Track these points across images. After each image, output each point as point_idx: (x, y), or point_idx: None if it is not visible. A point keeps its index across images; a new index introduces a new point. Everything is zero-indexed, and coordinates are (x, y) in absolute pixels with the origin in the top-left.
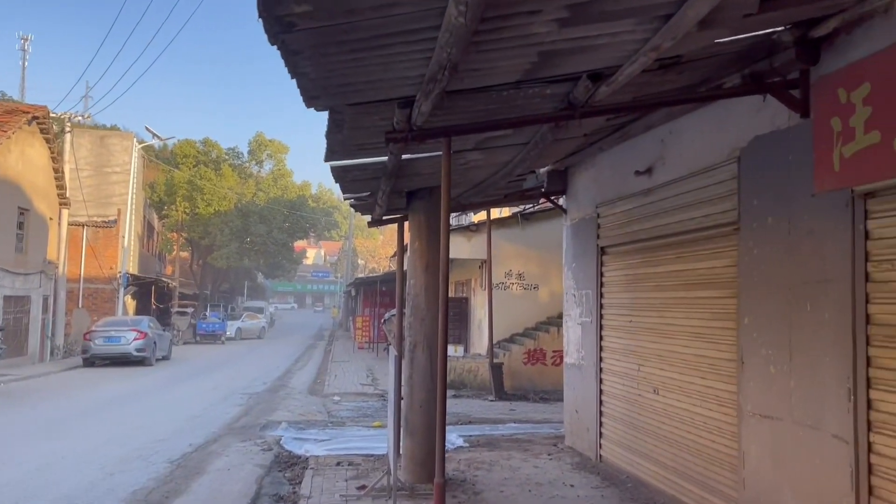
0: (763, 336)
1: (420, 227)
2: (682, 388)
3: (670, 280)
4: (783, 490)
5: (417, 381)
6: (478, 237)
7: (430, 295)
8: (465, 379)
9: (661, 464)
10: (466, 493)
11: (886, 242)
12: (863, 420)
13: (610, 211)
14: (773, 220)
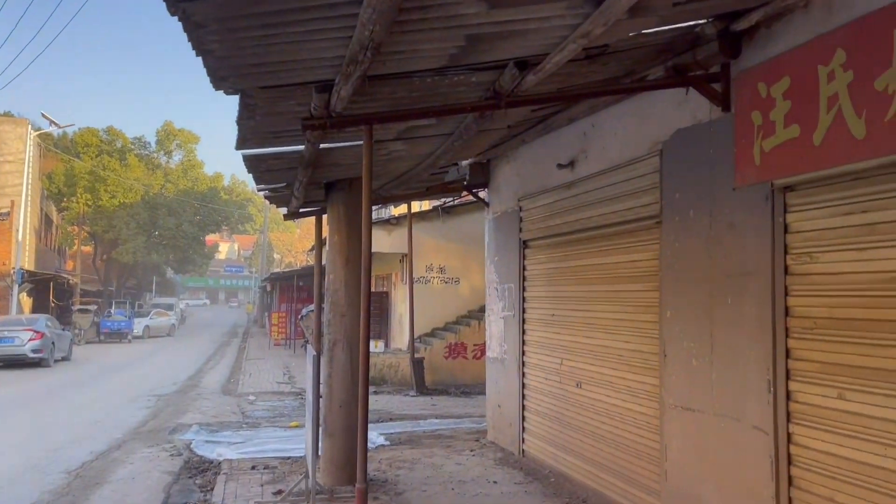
0: (685, 329)
1: (339, 219)
2: (605, 382)
3: (593, 273)
4: (705, 481)
5: (337, 380)
6: (398, 231)
7: (350, 290)
8: (386, 375)
9: (584, 458)
10: (388, 493)
11: (805, 235)
12: (782, 411)
13: (532, 204)
14: (695, 213)
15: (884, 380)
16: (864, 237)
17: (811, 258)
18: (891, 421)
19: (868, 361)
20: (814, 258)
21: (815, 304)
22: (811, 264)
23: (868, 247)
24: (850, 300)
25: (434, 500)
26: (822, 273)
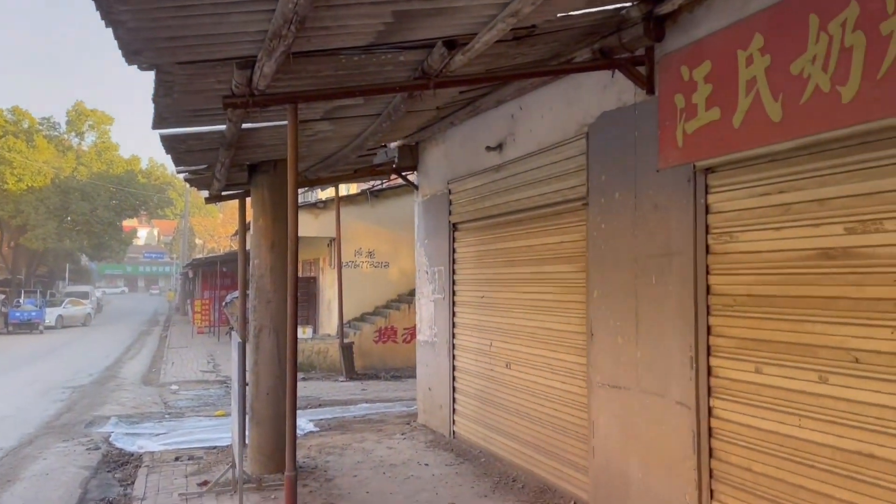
0: (611, 308)
1: (264, 203)
2: (534, 362)
3: (522, 255)
4: (630, 456)
5: (264, 367)
6: (326, 214)
7: (276, 275)
8: (315, 361)
9: (514, 437)
10: (318, 480)
11: (725, 216)
12: (704, 386)
13: (461, 187)
14: (621, 195)
15: (797, 353)
16: (780, 217)
17: (731, 238)
18: (804, 392)
19: (783, 336)
20: (733, 237)
21: (734, 283)
22: (731, 243)
23: (784, 226)
24: (767, 277)
25: (365, 485)
26: (741, 252)
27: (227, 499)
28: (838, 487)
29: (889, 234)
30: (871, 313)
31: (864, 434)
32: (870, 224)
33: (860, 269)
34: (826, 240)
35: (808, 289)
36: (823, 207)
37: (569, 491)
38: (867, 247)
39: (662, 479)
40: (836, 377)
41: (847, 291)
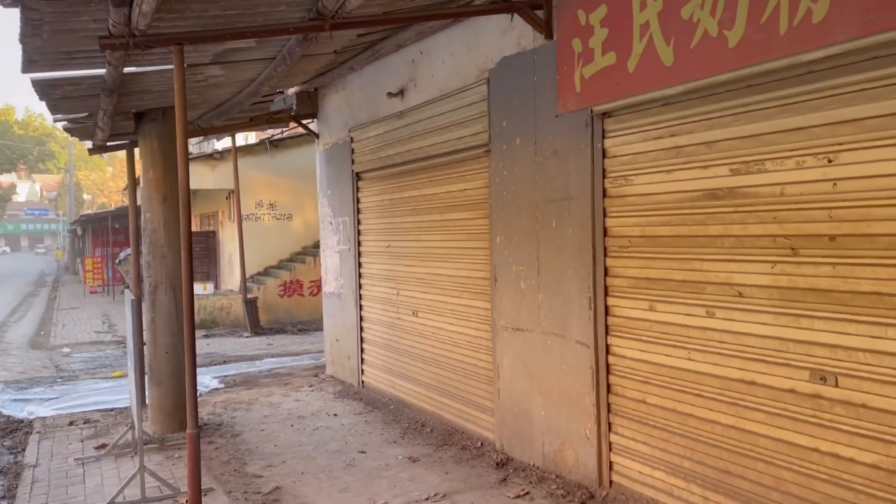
0: (514, 254)
1: (153, 153)
2: (441, 309)
3: (426, 204)
4: (534, 395)
5: (161, 324)
6: (223, 166)
7: (169, 229)
8: (218, 317)
9: (422, 383)
10: (224, 436)
11: (620, 160)
12: (602, 325)
13: (363, 135)
14: (522, 141)
15: (687, 290)
16: (672, 159)
17: (626, 181)
18: (692, 327)
19: (674, 274)
20: (629, 181)
21: (629, 224)
22: (626, 187)
23: (675, 168)
24: (660, 219)
25: (273, 439)
26: (636, 195)
27: (128, 461)
28: (723, 414)
29: (770, 173)
30: (752, 249)
31: (746, 363)
32: (753, 165)
33: (743, 208)
34: (713, 181)
35: (697, 228)
36: (711, 150)
37: (476, 432)
38: (750, 186)
39: (564, 415)
40: (722, 311)
41: (732, 230)
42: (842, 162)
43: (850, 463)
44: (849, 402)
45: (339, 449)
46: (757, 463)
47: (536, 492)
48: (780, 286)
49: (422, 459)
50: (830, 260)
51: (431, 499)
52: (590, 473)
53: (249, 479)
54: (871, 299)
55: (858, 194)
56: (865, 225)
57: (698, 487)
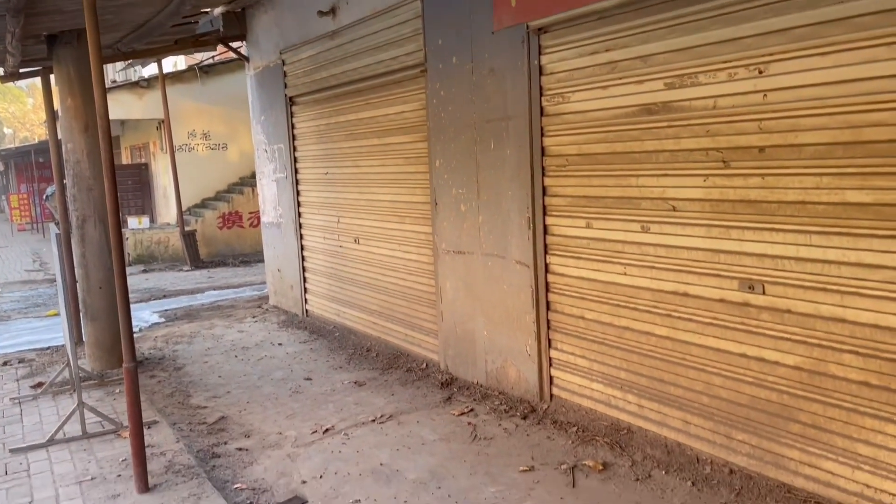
0: (453, 177)
1: (70, 80)
2: (382, 235)
3: (363, 128)
4: (476, 316)
5: (92, 259)
6: (151, 94)
7: (94, 160)
8: (155, 251)
9: (367, 310)
10: (167, 369)
11: (556, 77)
12: (541, 244)
13: (295, 57)
14: (458, 59)
15: (623, 207)
16: (608, 75)
17: (563, 98)
18: (628, 242)
19: (610, 192)
20: (565, 98)
21: (566, 143)
22: (563, 104)
23: (610, 84)
24: (596, 136)
25: (217, 370)
26: (573, 112)
27: (66, 398)
28: (657, 325)
29: (703, 87)
30: (686, 164)
31: (679, 275)
32: (686, 78)
33: (677, 123)
34: (648, 96)
35: (633, 144)
36: (646, 64)
37: (421, 354)
38: (684, 100)
39: (506, 334)
40: (657, 226)
41: (666, 145)
42: (772, 73)
43: (775, 366)
44: (775, 308)
45: (285, 377)
46: (689, 370)
47: (480, 408)
48: (712, 199)
49: (368, 383)
50: (760, 171)
51: (378, 420)
52: (531, 388)
53: (194, 410)
54: (796, 208)
55: (787, 105)
56: (793, 135)
57: (634, 396)
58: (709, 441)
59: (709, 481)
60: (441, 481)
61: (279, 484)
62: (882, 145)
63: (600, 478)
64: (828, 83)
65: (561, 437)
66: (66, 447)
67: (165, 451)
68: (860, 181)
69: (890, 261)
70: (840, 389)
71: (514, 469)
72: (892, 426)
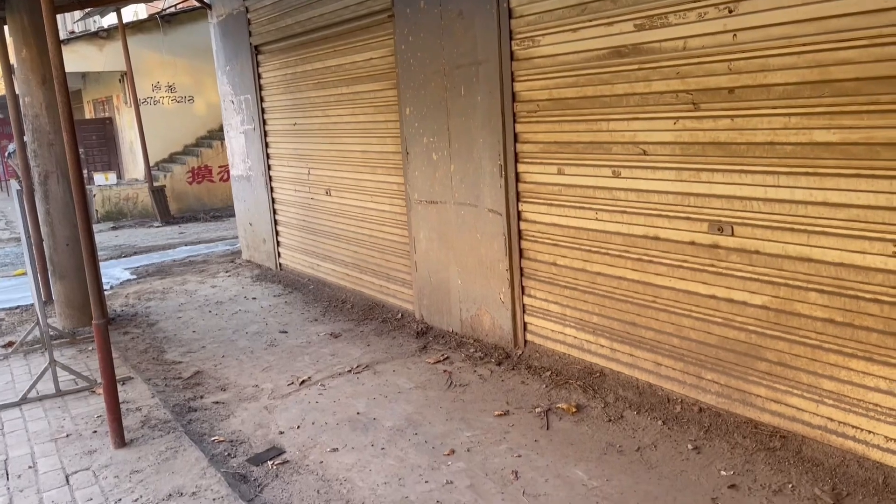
0: (424, 125)
1: (24, 30)
2: (354, 186)
3: (331, 76)
4: (450, 265)
5: (57, 216)
6: (111, 45)
7: (53, 114)
8: (125, 208)
9: (341, 262)
10: (140, 326)
11: (526, 20)
12: (513, 192)
13: (260, 4)
14: (426, 3)
15: (594, 152)
16: (577, 17)
17: (533, 42)
18: (600, 188)
19: (581, 137)
20: (535, 42)
21: (537, 88)
22: (533, 48)
23: (580, 26)
24: (566, 80)
25: (191, 325)
26: (543, 56)
27: (38, 357)
28: (629, 269)
29: (673, 27)
30: (656, 107)
31: (650, 219)
32: (657, 19)
33: (647, 65)
34: (618, 38)
35: (603, 88)
36: (616, 4)
37: (396, 305)
38: (654, 42)
39: (479, 282)
40: (627, 170)
41: (636, 88)
42: (741, 11)
43: (743, 306)
44: (743, 249)
45: (260, 331)
46: (660, 313)
47: (455, 356)
48: (682, 142)
49: (343, 334)
50: (729, 113)
51: (354, 370)
52: (505, 335)
53: (169, 365)
54: (764, 149)
55: (756, 44)
56: (762, 76)
57: (606, 340)
58: (679, 381)
59: (679, 420)
60: (417, 428)
61: (257, 435)
62: (848, 83)
63: (573, 420)
64: (796, 21)
65: (535, 382)
66: (40, 405)
67: (141, 407)
68: (827, 121)
69: (854, 199)
70: (805, 327)
71: (490, 414)
72: (855, 361)
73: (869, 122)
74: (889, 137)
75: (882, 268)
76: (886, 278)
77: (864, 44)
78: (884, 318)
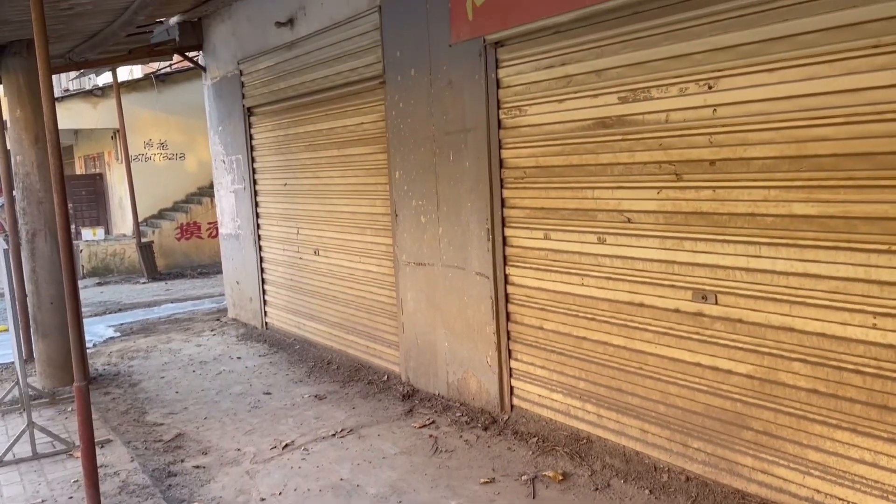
0: (413, 188)
1: (20, 90)
2: (343, 247)
3: (322, 139)
4: (437, 327)
5: (43, 274)
6: (105, 103)
7: (45, 172)
8: (111, 264)
9: (327, 322)
10: (122, 386)
11: (513, 90)
12: (500, 256)
13: (253, 67)
14: (417, 71)
15: (579, 218)
16: (563, 89)
17: (520, 111)
18: (585, 254)
19: (567, 203)
20: (522, 111)
21: (524, 155)
22: (520, 117)
23: (566, 98)
24: (552, 148)
25: (174, 385)
26: (530, 125)
27: (16, 417)
28: (615, 335)
29: (655, 101)
30: (640, 176)
31: (635, 286)
32: (640, 92)
33: (631, 136)
34: (603, 109)
35: (588, 157)
36: (601, 78)
37: (382, 366)
38: (637, 114)
39: (466, 345)
40: (612, 237)
41: (621, 157)
42: (721, 88)
43: (728, 374)
44: (727, 318)
45: (244, 392)
46: (645, 380)
47: (441, 420)
48: (666, 211)
49: (328, 396)
50: (711, 184)
51: (338, 434)
52: (492, 399)
53: (150, 427)
54: (746, 220)
55: (736, 119)
56: (742, 149)
57: (592, 406)
58: (666, 449)
59: (666, 489)
60: (402, 496)
61: (237, 502)
62: (825, 159)
63: (560, 488)
64: (774, 99)
65: (521, 448)
66: (16, 468)
67: (119, 471)
68: (806, 194)
69: (834, 271)
70: (790, 397)
71: (475, 481)
72: (840, 432)
73: (846, 197)
74: (865, 212)
75: (863, 339)
76: (868, 350)
77: (840, 122)
78: (866, 390)
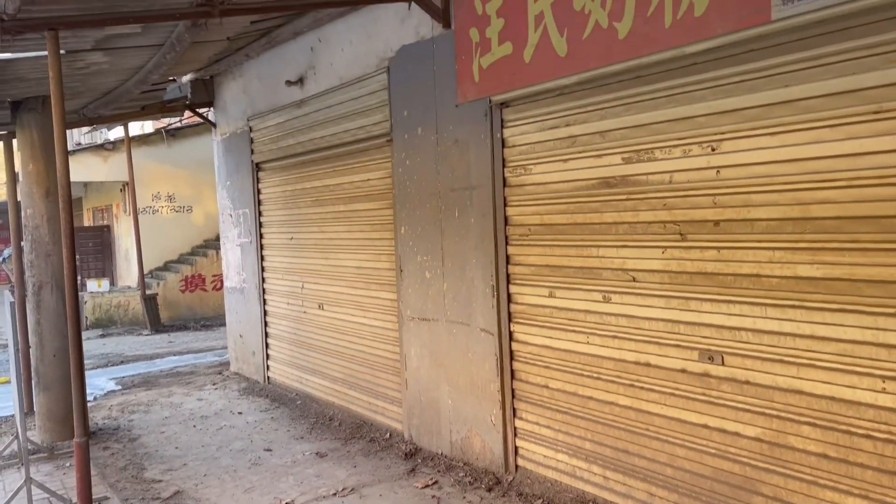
0: (418, 244)
1: (33, 145)
2: (347, 301)
3: (329, 194)
4: (441, 384)
5: (48, 327)
6: (116, 156)
7: (54, 226)
8: (115, 315)
9: (330, 377)
10: (121, 441)
11: (518, 149)
12: (505, 313)
13: (263, 124)
14: (423, 130)
15: (584, 276)
16: (568, 149)
17: (525, 170)
18: (590, 312)
19: (572, 261)
20: (527, 170)
21: (529, 213)
22: (525, 176)
23: (570, 157)
24: (557, 207)
25: (174, 441)
26: (534, 184)
27: (14, 472)
28: (621, 395)
29: (658, 161)
30: (644, 236)
31: (640, 345)
32: (643, 153)
33: (635, 196)
34: (607, 169)
35: (593, 216)
36: (605, 139)
37: (385, 423)
38: (641, 174)
39: (470, 402)
40: (617, 296)
41: (625, 217)
42: (724, 150)
43: (736, 437)
44: (734, 379)
45: (244, 448)
46: (652, 441)
47: (444, 480)
48: (671, 270)
49: (329, 454)
50: (715, 244)
51: (339, 494)
52: (496, 459)
53: (148, 484)
54: (751, 281)
55: (739, 181)
56: (746, 210)
57: (598, 467)
58: None
59: None
60: None
61: None
62: (829, 221)
63: None
64: (777, 161)
65: None
66: None
67: None
68: (810, 256)
69: (841, 333)
70: (800, 461)
71: None
72: (851, 499)
73: (850, 259)
74: (870, 275)
75: (873, 403)
76: (878, 414)
77: (843, 185)
78: (878, 455)
